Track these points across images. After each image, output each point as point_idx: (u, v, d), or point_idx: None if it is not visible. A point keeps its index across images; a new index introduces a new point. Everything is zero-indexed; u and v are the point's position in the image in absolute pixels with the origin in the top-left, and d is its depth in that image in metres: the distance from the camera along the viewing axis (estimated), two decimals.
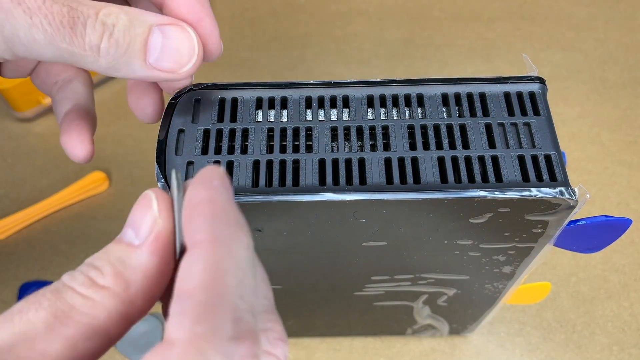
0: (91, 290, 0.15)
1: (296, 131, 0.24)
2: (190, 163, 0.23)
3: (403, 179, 0.22)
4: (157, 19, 0.21)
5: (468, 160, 0.23)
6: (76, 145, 0.25)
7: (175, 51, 0.21)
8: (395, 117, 0.24)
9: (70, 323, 0.14)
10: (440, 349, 0.40)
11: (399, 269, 0.28)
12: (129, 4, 0.25)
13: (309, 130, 0.24)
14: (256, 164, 0.23)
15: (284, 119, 0.24)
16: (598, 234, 0.24)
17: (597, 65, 0.55)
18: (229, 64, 0.55)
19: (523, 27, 0.58)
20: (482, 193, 0.21)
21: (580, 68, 0.55)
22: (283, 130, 0.24)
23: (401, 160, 0.23)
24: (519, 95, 0.24)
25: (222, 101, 0.24)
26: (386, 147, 0.23)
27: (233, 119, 0.24)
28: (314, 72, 0.54)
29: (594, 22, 0.58)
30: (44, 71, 0.27)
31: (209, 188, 0.15)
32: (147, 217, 0.16)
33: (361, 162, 0.23)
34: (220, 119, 0.24)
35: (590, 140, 0.50)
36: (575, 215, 0.23)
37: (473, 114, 0.24)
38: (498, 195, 0.21)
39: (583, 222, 0.24)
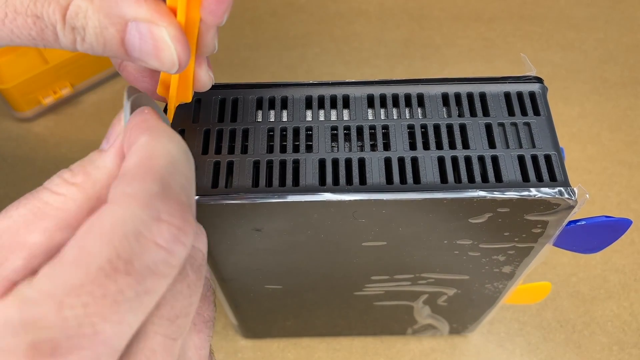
0: (63, 187, 0.17)
1: (296, 131, 0.24)
2: None
3: (403, 179, 0.22)
4: (134, 12, 0.18)
5: (468, 160, 0.23)
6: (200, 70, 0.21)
7: (155, 51, 0.18)
8: (395, 117, 0.24)
9: (45, 217, 0.16)
10: (440, 349, 0.40)
11: (399, 268, 0.28)
12: None
13: (309, 130, 0.24)
14: (256, 164, 0.23)
15: (284, 119, 0.24)
16: (598, 234, 0.24)
17: (597, 65, 0.55)
18: (229, 64, 0.55)
19: (523, 27, 0.58)
20: (482, 193, 0.21)
21: (580, 68, 0.55)
22: (283, 130, 0.24)
23: (401, 160, 0.23)
24: (519, 95, 0.24)
25: (223, 102, 0.24)
26: (386, 147, 0.23)
27: (233, 119, 0.24)
28: (314, 72, 0.54)
29: (594, 22, 0.58)
30: None
31: (140, 113, 0.18)
32: (116, 128, 0.19)
33: (361, 162, 0.23)
34: (221, 119, 0.24)
35: (590, 140, 0.50)
36: (575, 215, 0.23)
37: (473, 113, 0.24)
38: (497, 195, 0.21)
39: (583, 222, 0.24)
